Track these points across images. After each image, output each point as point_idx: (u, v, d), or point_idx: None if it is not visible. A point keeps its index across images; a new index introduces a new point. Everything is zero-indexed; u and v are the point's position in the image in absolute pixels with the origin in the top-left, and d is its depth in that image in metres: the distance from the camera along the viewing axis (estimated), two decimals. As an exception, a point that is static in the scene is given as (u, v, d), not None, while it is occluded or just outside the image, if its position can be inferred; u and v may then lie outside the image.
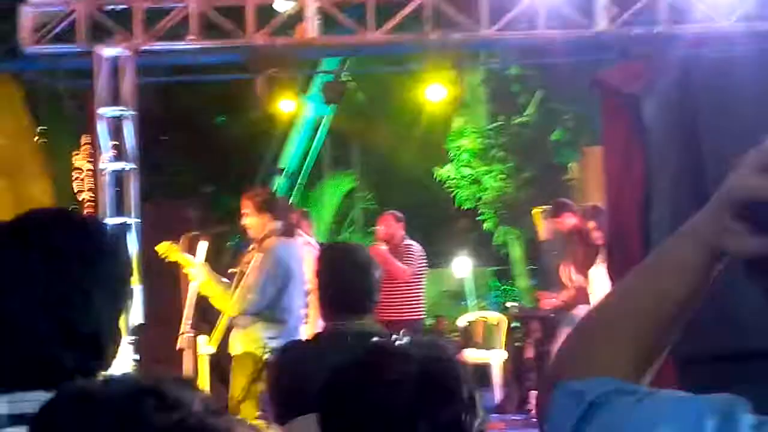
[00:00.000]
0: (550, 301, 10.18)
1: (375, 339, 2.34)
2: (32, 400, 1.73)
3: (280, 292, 7.67)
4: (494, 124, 17.16)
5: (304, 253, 8.38)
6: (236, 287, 7.73)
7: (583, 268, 9.39)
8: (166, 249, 7.94)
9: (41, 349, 1.94)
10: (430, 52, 10.26)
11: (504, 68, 15.49)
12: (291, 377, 4.05)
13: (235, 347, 7.78)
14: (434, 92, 11.04)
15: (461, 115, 16.99)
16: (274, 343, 7.09)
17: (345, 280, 4.35)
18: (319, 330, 4.52)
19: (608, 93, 9.36)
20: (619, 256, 8.43)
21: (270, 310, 7.65)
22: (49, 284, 1.96)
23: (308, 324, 8.28)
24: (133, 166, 9.93)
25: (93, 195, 10.89)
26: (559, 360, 1.43)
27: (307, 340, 4.67)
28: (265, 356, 7.09)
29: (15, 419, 1.78)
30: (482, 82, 16.54)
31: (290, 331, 7.59)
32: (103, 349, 2.00)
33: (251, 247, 7.98)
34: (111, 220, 9.55)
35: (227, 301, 7.74)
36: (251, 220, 7.86)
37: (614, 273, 8.37)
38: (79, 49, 10.05)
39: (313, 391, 2.23)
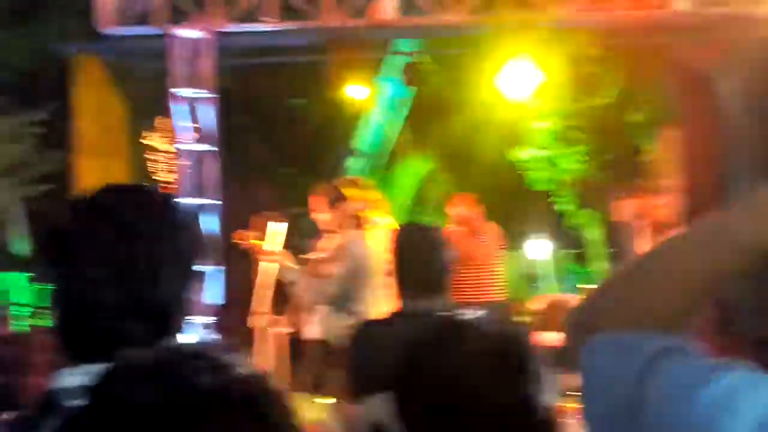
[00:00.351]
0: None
1: (445, 314, 2.34)
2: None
3: (356, 285, 7.69)
4: (573, 106, 17.03)
5: (380, 236, 8.39)
6: (311, 274, 7.76)
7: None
8: (242, 237, 8.01)
9: (111, 321, 1.97)
10: (508, 33, 10.20)
11: (583, 49, 15.33)
12: (364, 356, 4.05)
13: (310, 333, 7.82)
14: (513, 74, 10.95)
15: (539, 97, 16.86)
16: (344, 329, 7.12)
17: (418, 259, 4.34)
18: (393, 310, 4.51)
19: (686, 73, 9.26)
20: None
21: (345, 301, 7.68)
22: (119, 257, 1.99)
23: (383, 304, 8.30)
24: (212, 147, 10.00)
25: (171, 176, 10.99)
26: (600, 306, 1.40)
27: (380, 319, 4.66)
28: (339, 344, 7.10)
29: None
30: (561, 63, 16.40)
31: (361, 317, 7.60)
32: (171, 322, 2.03)
33: (326, 232, 8.00)
34: (190, 201, 9.62)
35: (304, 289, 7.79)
36: (323, 216, 7.89)
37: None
38: (157, 31, 10.14)
39: (386, 370, 2.23)
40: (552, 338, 12.71)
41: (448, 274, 4.40)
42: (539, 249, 15.37)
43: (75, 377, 1.89)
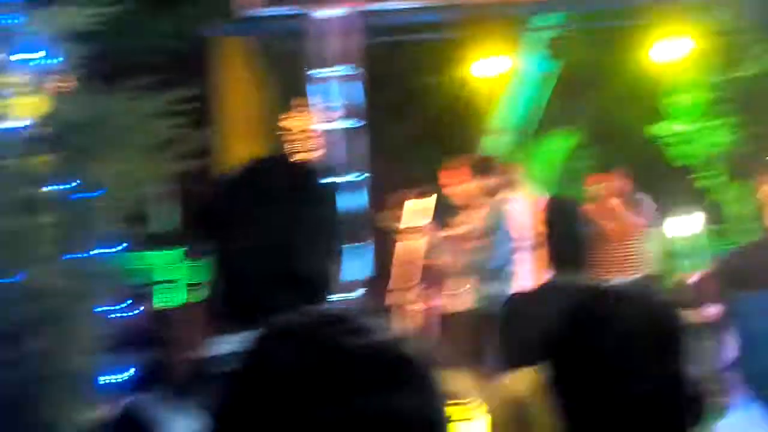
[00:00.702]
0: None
1: (598, 285, 2.33)
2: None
3: (502, 257, 7.70)
4: (721, 78, 16.68)
5: (521, 210, 8.36)
6: (456, 249, 7.79)
7: None
8: (381, 216, 8.09)
9: (261, 291, 2.01)
10: (656, 5, 10.04)
11: (733, 20, 15.01)
12: (516, 329, 4.08)
13: (456, 306, 7.85)
14: (661, 46, 10.77)
15: (687, 69, 16.59)
16: (492, 301, 7.12)
17: (566, 233, 4.41)
18: (542, 282, 4.52)
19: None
20: None
21: (492, 273, 7.68)
22: (267, 228, 2.02)
23: (527, 277, 8.27)
24: (361, 123, 10.05)
25: (309, 155, 11.02)
26: (756, 263, 1.38)
27: (531, 291, 4.69)
28: (486, 316, 7.11)
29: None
30: (710, 34, 16.10)
31: (508, 289, 7.61)
32: (317, 291, 2.06)
33: (464, 206, 8.00)
34: (341, 178, 9.64)
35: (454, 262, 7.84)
36: (464, 188, 7.89)
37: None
38: (298, 11, 10.21)
39: (539, 342, 2.22)
40: (699, 314, 12.50)
41: (595, 248, 4.42)
42: (684, 225, 15.12)
43: (226, 345, 1.92)
